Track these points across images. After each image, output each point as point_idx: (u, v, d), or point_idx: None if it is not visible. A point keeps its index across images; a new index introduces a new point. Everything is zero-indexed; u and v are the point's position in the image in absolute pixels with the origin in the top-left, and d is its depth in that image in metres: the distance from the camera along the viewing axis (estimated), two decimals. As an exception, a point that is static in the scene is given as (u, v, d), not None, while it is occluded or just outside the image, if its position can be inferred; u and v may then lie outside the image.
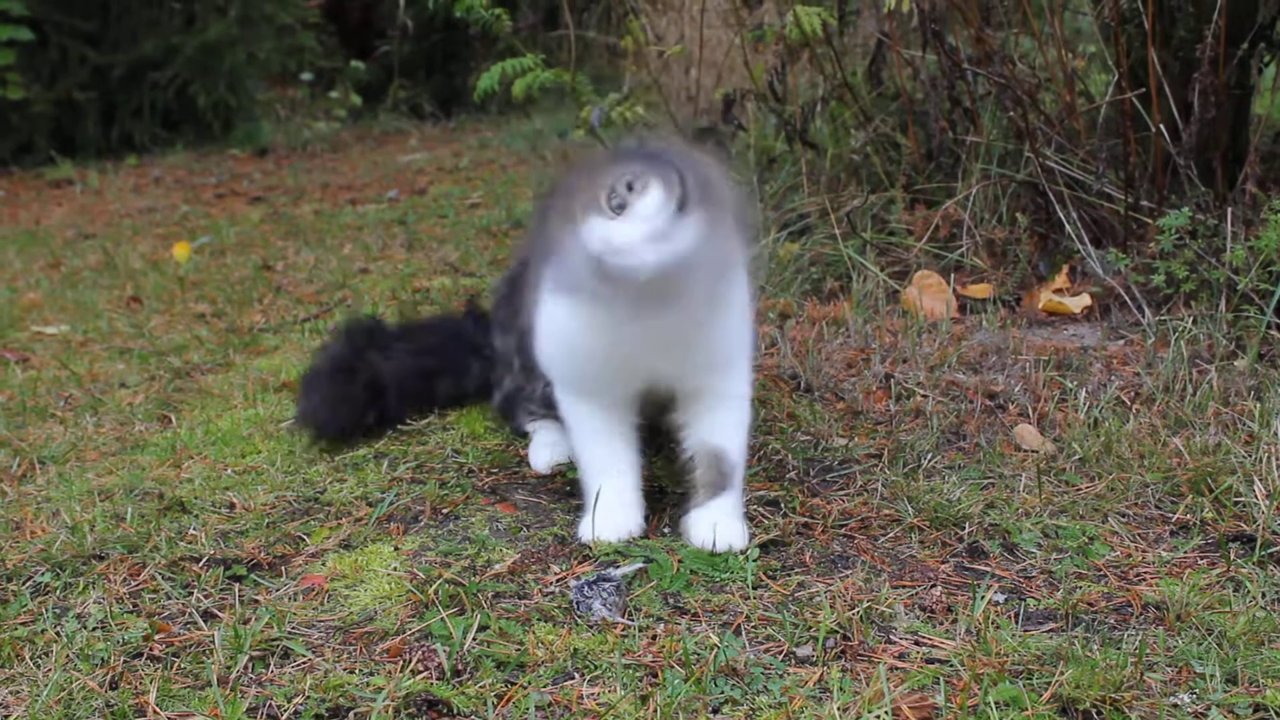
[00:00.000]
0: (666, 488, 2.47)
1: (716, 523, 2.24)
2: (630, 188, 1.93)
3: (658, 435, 2.48)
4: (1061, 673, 1.82)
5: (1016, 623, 2.01)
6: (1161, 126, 3.49)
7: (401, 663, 1.90)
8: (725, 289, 2.17)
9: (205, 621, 2.04)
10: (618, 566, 2.16)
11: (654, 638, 1.96)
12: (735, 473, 2.28)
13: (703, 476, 2.28)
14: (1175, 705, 1.77)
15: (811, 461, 2.66)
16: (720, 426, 2.28)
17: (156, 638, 1.98)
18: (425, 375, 2.91)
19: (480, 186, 6.26)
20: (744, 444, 2.32)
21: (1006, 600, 2.09)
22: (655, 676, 1.85)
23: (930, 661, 1.89)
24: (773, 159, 4.41)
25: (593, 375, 2.26)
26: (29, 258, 5.32)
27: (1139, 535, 2.32)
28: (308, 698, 1.81)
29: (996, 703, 1.75)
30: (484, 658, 1.90)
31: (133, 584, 2.18)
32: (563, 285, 2.15)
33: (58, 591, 2.17)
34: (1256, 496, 2.38)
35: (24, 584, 2.19)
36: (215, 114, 8.44)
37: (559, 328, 2.24)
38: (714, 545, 2.22)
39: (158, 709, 1.79)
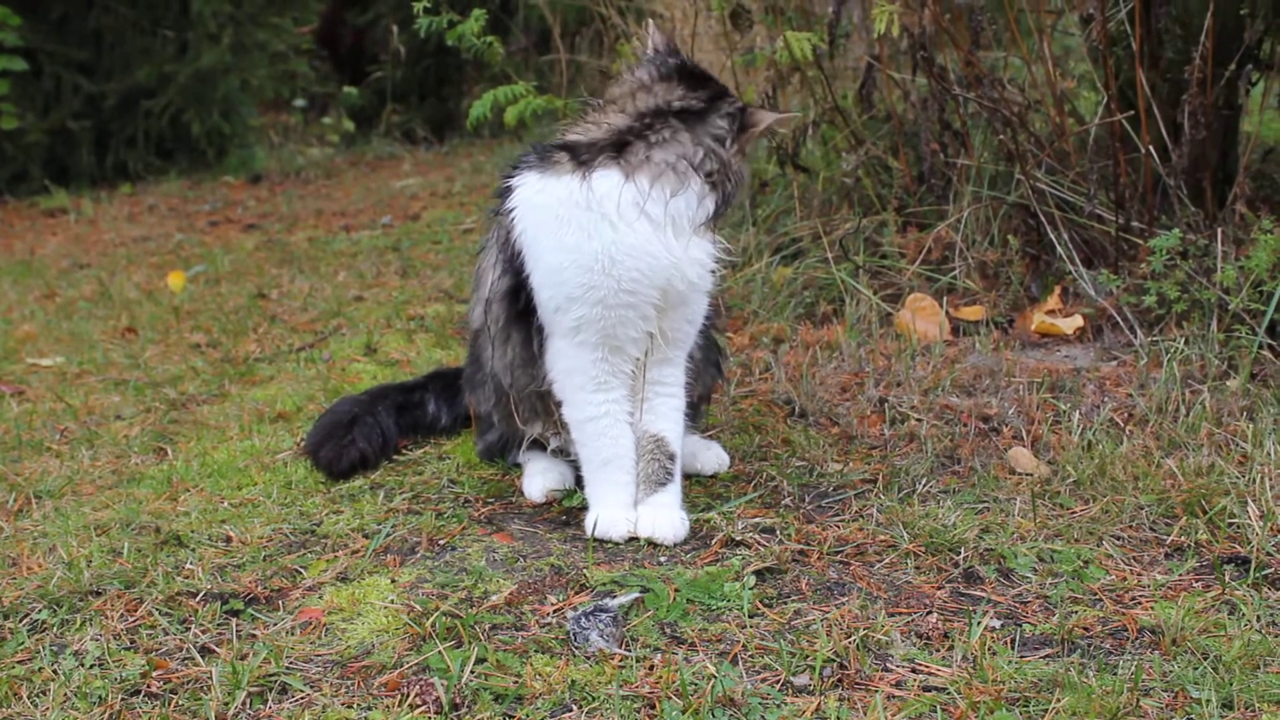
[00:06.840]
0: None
1: (656, 517, 2.41)
2: None
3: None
4: (1058, 700, 1.83)
5: (1013, 649, 2.01)
6: (1151, 147, 3.51)
7: (400, 697, 1.90)
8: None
9: (203, 657, 2.04)
10: (614, 596, 2.17)
11: (651, 668, 1.96)
12: (674, 463, 2.45)
13: (645, 469, 2.45)
14: (1172, 731, 1.78)
15: (806, 487, 2.67)
16: (662, 413, 2.47)
17: (154, 674, 1.99)
18: None
19: (474, 211, 6.26)
20: (681, 431, 2.52)
21: (1002, 626, 2.09)
22: (653, 708, 1.85)
23: (927, 689, 1.89)
24: (764, 183, 4.42)
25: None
26: (24, 288, 5.32)
27: (1134, 558, 2.33)
28: (306, 734, 1.81)
29: (994, 731, 1.76)
30: (482, 690, 1.90)
31: (130, 620, 2.18)
32: None
33: (55, 628, 2.17)
34: (1250, 518, 2.39)
35: (21, 621, 2.19)
36: (209, 141, 8.44)
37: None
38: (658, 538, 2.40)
39: (156, 747, 1.79)
